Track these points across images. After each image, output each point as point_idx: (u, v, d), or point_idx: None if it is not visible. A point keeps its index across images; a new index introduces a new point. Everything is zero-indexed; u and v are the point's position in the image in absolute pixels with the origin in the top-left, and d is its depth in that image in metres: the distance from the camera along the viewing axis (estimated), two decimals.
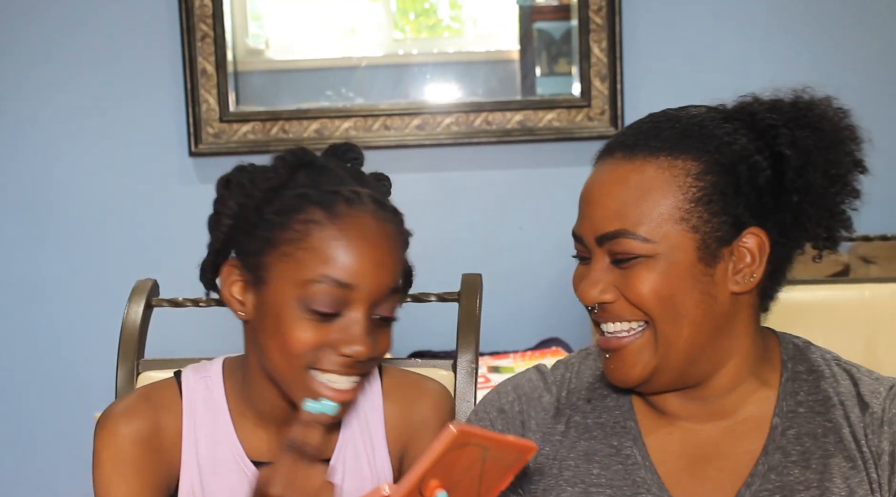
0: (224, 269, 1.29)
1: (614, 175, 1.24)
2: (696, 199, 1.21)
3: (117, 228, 2.89)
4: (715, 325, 1.23)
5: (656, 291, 1.20)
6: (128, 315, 1.66)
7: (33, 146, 2.87)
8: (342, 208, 1.22)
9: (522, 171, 2.91)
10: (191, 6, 2.78)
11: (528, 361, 2.59)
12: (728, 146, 1.23)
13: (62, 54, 2.84)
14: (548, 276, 2.93)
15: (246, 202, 1.26)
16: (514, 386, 1.36)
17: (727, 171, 1.22)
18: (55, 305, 2.91)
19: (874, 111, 2.90)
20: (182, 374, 1.37)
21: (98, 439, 1.32)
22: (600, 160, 1.28)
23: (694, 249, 1.20)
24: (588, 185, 1.28)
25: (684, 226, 1.20)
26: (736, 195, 1.21)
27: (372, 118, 2.86)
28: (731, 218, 1.21)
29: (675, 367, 1.24)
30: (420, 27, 3.12)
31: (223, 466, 1.32)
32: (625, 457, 1.27)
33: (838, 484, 1.21)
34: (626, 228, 1.21)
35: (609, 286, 1.23)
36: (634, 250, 1.20)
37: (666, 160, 1.22)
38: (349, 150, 1.34)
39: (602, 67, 2.83)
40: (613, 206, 1.22)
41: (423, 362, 1.61)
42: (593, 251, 1.25)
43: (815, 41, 2.90)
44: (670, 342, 1.22)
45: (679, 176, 1.21)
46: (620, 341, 1.24)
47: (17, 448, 2.95)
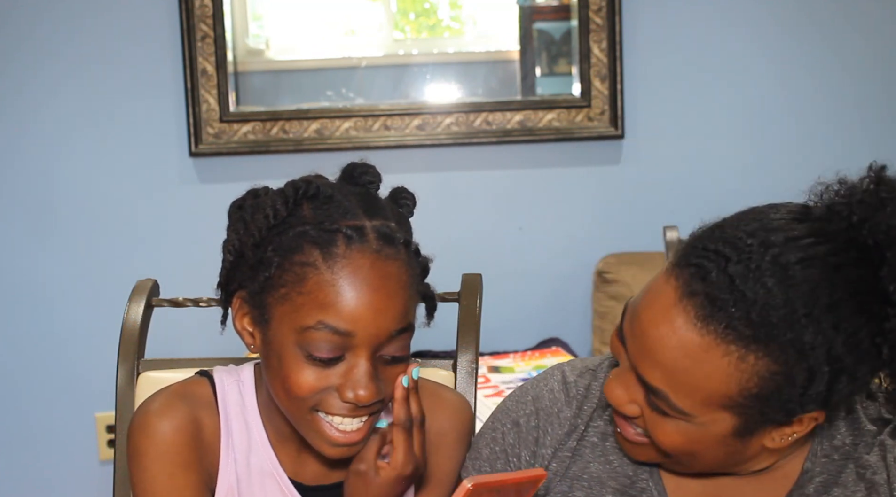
0: (235, 301, 1.26)
1: (677, 330, 1.07)
2: (754, 396, 1.07)
3: (117, 228, 2.89)
4: (740, 459, 1.16)
5: (679, 447, 1.12)
6: (128, 315, 1.65)
7: (34, 146, 2.87)
8: (340, 249, 1.16)
9: (522, 171, 2.91)
10: (191, 6, 2.78)
11: (528, 361, 2.59)
12: (818, 347, 1.04)
13: (62, 55, 2.84)
14: (548, 276, 2.93)
15: (246, 239, 1.21)
16: (535, 397, 1.30)
17: (804, 372, 1.05)
18: (55, 305, 2.91)
19: (872, 110, 2.92)
20: (214, 374, 1.34)
21: (138, 439, 1.27)
22: (673, 284, 1.09)
23: (732, 427, 1.10)
24: (649, 309, 1.10)
25: (731, 411, 1.08)
26: (802, 396, 1.07)
27: (372, 118, 2.86)
28: (786, 413, 1.09)
29: (686, 472, 1.20)
30: (420, 27, 3.12)
31: (258, 477, 1.30)
32: (639, 490, 1.23)
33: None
34: (668, 393, 1.09)
35: (635, 406, 1.14)
36: (669, 412, 1.10)
37: (738, 351, 1.05)
38: (365, 173, 1.27)
39: (602, 67, 2.83)
40: (664, 364, 1.08)
41: (423, 362, 1.60)
42: (633, 374, 1.14)
43: (815, 41, 2.90)
44: (682, 465, 1.17)
45: (745, 373, 1.05)
46: (631, 435, 1.18)
47: (17, 448, 2.94)
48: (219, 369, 1.35)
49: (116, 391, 1.62)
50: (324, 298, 1.16)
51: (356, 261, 1.16)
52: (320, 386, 1.18)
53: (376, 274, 1.17)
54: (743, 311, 1.04)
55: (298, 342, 1.17)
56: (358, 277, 1.16)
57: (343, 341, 1.16)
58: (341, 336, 1.16)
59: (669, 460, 1.17)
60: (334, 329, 1.16)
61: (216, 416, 1.30)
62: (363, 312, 1.16)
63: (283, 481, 1.31)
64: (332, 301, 1.15)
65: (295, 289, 1.17)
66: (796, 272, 1.05)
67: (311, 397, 1.19)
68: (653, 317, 1.09)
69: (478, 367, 1.59)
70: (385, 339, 1.18)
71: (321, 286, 1.16)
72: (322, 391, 1.19)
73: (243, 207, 1.25)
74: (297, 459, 1.32)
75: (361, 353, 1.17)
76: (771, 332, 1.04)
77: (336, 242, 1.17)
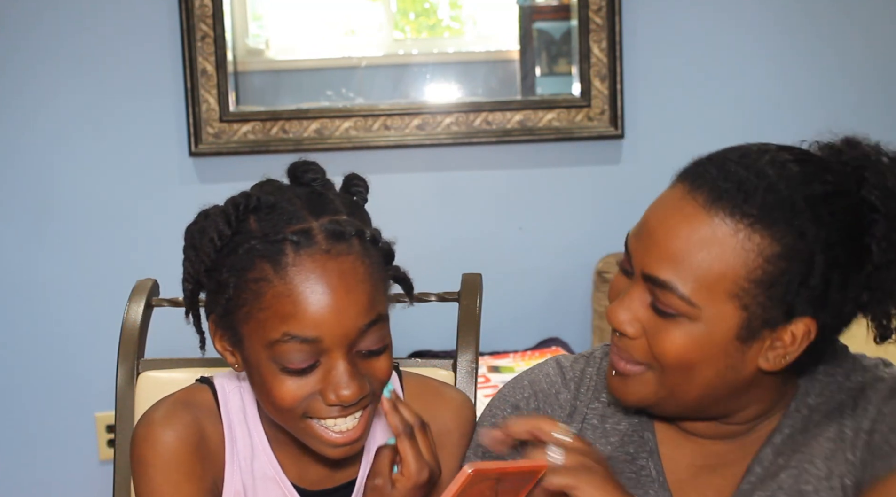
0: (210, 324, 1.25)
1: (687, 218, 1.14)
2: (759, 280, 1.12)
3: (117, 228, 2.89)
4: (731, 390, 1.19)
5: (682, 355, 1.15)
6: (128, 315, 1.66)
7: (34, 146, 2.87)
8: (289, 258, 1.15)
9: (522, 171, 2.91)
10: (191, 6, 2.78)
11: (528, 361, 2.59)
12: (815, 233, 1.13)
13: (62, 55, 2.84)
14: (548, 276, 2.93)
15: (199, 266, 1.20)
16: (531, 381, 1.34)
17: (803, 260, 1.12)
18: (55, 305, 2.91)
19: (872, 110, 2.92)
20: (215, 380, 1.33)
21: (142, 449, 1.26)
22: (681, 185, 1.18)
23: (736, 326, 1.14)
24: (658, 208, 1.19)
25: (735, 302, 1.13)
26: (801, 286, 1.13)
27: (372, 118, 2.86)
28: (787, 306, 1.14)
29: (677, 410, 1.23)
30: (420, 27, 3.12)
31: (261, 483, 1.30)
32: (639, 467, 1.27)
33: (818, 465, 1.20)
34: (675, 282, 1.13)
35: (638, 323, 1.18)
36: (677, 307, 1.14)
37: (745, 229, 1.12)
38: (307, 170, 1.25)
39: (602, 67, 2.83)
40: (672, 251, 1.14)
41: (423, 362, 1.60)
42: (637, 277, 1.19)
43: (815, 41, 2.90)
44: (675, 394, 1.19)
45: (751, 252, 1.12)
46: (625, 366, 1.21)
47: (17, 448, 2.95)
48: (219, 376, 1.35)
49: (116, 391, 1.62)
50: (283, 310, 1.15)
51: (307, 266, 1.15)
52: (303, 394, 1.18)
53: (330, 274, 1.15)
54: (747, 195, 1.12)
55: (271, 357, 1.17)
56: (312, 282, 1.15)
57: (313, 348, 1.16)
58: (309, 343, 1.15)
59: (661, 394, 1.19)
60: (300, 338, 1.15)
61: (219, 423, 1.30)
62: (325, 315, 1.15)
63: (285, 486, 1.31)
64: (291, 311, 1.15)
65: (255, 306, 1.16)
66: (792, 167, 1.15)
67: (298, 406, 1.19)
68: (661, 214, 1.17)
69: (478, 366, 1.59)
70: (356, 335, 1.17)
71: (278, 298, 1.15)
72: (307, 398, 1.18)
73: (192, 232, 1.23)
74: (300, 464, 1.32)
75: (335, 354, 1.17)
76: (773, 214, 1.12)
77: (284, 251, 1.16)
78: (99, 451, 2.94)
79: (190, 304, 1.26)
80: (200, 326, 1.28)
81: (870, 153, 1.20)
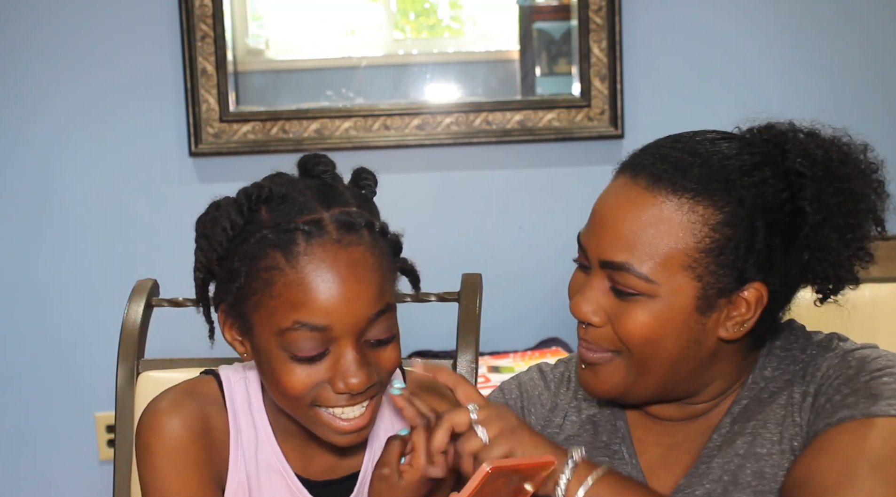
0: (220, 315, 1.26)
1: (632, 201, 1.23)
2: (708, 249, 1.21)
3: (117, 228, 2.89)
4: (695, 365, 1.26)
5: (646, 333, 1.22)
6: (128, 315, 1.66)
7: (34, 146, 2.87)
8: (300, 247, 1.17)
9: (522, 171, 2.91)
10: (191, 6, 2.78)
11: (528, 361, 2.59)
12: (752, 200, 1.21)
13: (62, 55, 2.84)
14: (548, 276, 2.93)
15: (210, 255, 1.22)
16: (518, 384, 1.45)
17: (745, 226, 1.21)
18: (55, 305, 2.91)
19: (872, 110, 2.92)
20: (220, 372, 1.35)
21: (147, 438, 1.27)
22: (622, 176, 1.27)
23: (693, 297, 1.22)
24: (604, 199, 1.28)
25: (689, 273, 1.21)
26: (747, 251, 1.21)
27: (372, 118, 2.86)
28: (737, 272, 1.22)
29: (647, 393, 1.29)
30: (420, 27, 3.12)
31: (265, 474, 1.31)
32: (613, 452, 1.35)
33: (771, 429, 1.27)
34: (631, 263, 1.21)
35: (601, 311, 1.25)
36: (636, 287, 1.22)
37: (688, 203, 1.21)
38: (318, 163, 1.28)
39: (602, 67, 2.83)
40: (624, 234, 1.22)
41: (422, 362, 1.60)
42: (594, 269, 1.26)
43: (815, 41, 2.90)
44: (643, 375, 1.26)
45: (696, 223, 1.20)
46: (594, 356, 1.28)
47: (17, 448, 2.95)
48: (225, 368, 1.36)
49: (116, 391, 1.62)
50: (294, 298, 1.17)
51: (318, 255, 1.17)
52: (312, 382, 1.19)
53: (341, 263, 1.17)
54: (684, 172, 1.21)
55: (280, 345, 1.19)
56: (323, 271, 1.17)
57: (322, 336, 1.18)
58: (319, 331, 1.17)
59: (630, 378, 1.26)
60: (310, 326, 1.17)
61: (224, 413, 1.31)
62: (335, 304, 1.17)
63: (289, 477, 1.32)
64: (302, 299, 1.16)
65: (266, 294, 1.18)
66: (721, 143, 1.25)
67: (307, 394, 1.20)
68: (608, 203, 1.26)
69: (478, 366, 1.59)
70: (364, 324, 1.19)
71: (289, 287, 1.17)
72: (315, 387, 1.20)
73: (204, 222, 1.24)
74: (304, 455, 1.33)
75: (344, 343, 1.18)
76: (711, 185, 1.20)
77: (296, 241, 1.18)
78: (99, 451, 2.94)
79: (200, 295, 1.27)
80: (210, 316, 1.29)
81: (787, 130, 1.30)
